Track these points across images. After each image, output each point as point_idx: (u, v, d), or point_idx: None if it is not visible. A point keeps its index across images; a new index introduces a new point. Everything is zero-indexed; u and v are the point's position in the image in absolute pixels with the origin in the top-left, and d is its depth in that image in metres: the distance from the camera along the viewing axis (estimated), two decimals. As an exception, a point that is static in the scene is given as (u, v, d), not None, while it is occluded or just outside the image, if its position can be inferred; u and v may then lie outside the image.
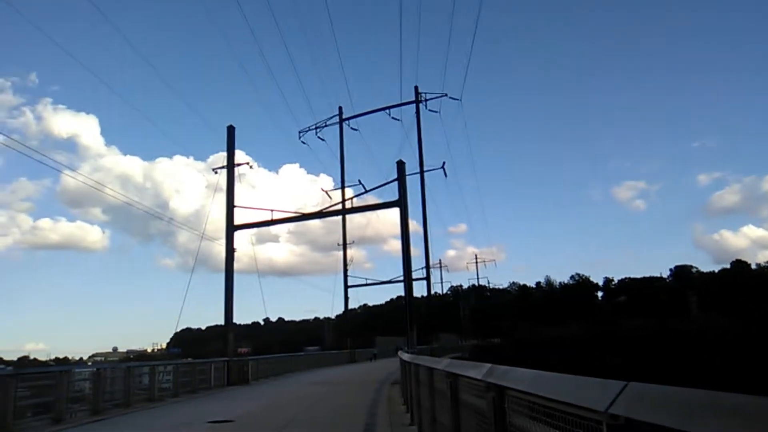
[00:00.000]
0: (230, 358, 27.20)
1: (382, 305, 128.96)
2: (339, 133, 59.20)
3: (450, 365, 5.65)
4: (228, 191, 30.62)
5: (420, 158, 56.11)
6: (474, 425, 4.45)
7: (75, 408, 14.58)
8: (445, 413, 5.89)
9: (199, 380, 22.79)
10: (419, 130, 56.66)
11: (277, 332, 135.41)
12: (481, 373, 3.87)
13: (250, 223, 30.96)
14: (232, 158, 31.25)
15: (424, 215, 57.67)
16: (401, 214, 27.48)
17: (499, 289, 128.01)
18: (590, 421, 2.17)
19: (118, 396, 16.70)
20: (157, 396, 18.70)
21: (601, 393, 2.03)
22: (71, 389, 14.65)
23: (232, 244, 29.82)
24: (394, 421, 11.51)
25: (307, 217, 32.33)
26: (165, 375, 20.60)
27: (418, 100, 56.26)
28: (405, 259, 28.07)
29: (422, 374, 8.34)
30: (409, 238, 28.46)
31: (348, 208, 32.51)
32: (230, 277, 29.37)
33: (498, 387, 3.47)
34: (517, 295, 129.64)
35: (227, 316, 29.25)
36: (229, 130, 31.70)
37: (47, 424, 12.85)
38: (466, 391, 4.78)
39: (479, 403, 4.13)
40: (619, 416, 1.88)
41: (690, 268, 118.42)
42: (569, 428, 2.43)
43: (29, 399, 13.28)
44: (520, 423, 3.24)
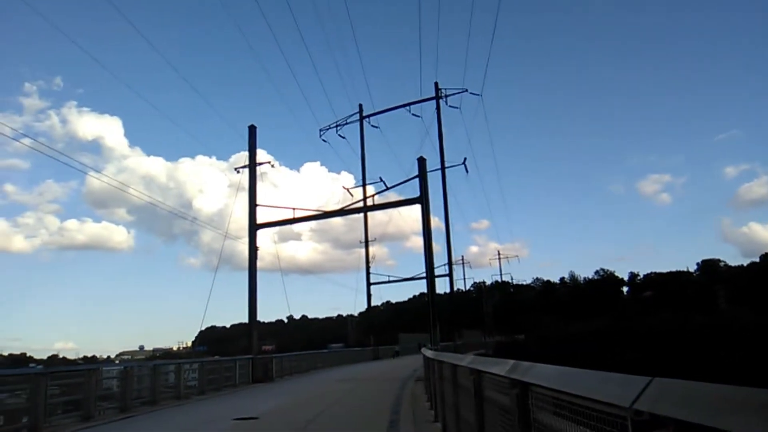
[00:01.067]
0: (255, 355, 27.41)
1: (404, 302, 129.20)
2: (359, 131, 59.27)
3: (473, 362, 5.63)
4: (250, 190, 30.85)
5: (441, 154, 55.89)
6: (498, 421, 4.44)
7: (104, 406, 14.84)
8: (469, 410, 5.88)
9: (225, 378, 23.01)
10: (440, 127, 56.43)
11: (300, 330, 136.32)
12: (505, 369, 3.86)
13: (272, 221, 31.16)
14: (254, 157, 31.47)
15: (446, 212, 57.41)
16: (423, 211, 27.44)
17: (523, 285, 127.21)
18: (615, 417, 2.16)
19: (145, 394, 16.93)
20: (184, 394, 18.89)
21: (626, 389, 2.02)
22: (100, 387, 14.91)
23: (255, 242, 30.05)
24: (418, 417, 11.52)
25: (328, 215, 32.47)
26: (191, 373, 20.81)
27: (438, 96, 55.98)
28: (427, 255, 28.05)
29: (446, 371, 8.34)
30: (431, 235, 28.46)
31: (369, 206, 32.52)
32: (254, 276, 29.61)
33: (522, 383, 3.46)
34: (541, 291, 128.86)
35: (251, 314, 29.49)
36: (251, 130, 31.93)
37: (77, 421, 13.08)
38: (490, 388, 4.76)
39: (503, 400, 4.12)
40: (643, 412, 1.86)
41: (717, 262, 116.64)
42: (594, 424, 2.42)
43: (59, 397, 13.55)
44: (544, 419, 3.23)
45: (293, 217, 30.47)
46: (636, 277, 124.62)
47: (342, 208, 31.81)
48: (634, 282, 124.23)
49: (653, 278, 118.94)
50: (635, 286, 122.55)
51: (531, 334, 66.59)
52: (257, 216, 30.48)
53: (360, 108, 59.41)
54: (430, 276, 28.57)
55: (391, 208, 33.35)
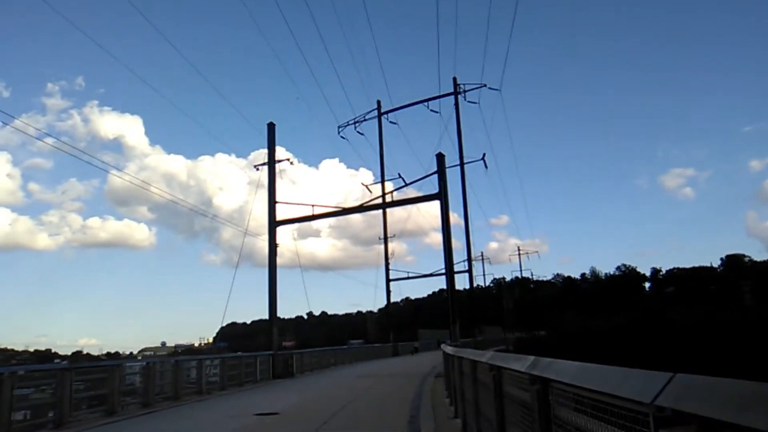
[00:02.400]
0: (275, 351, 27.59)
1: (424, 298, 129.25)
2: (378, 127, 59.28)
3: (493, 358, 5.63)
4: (270, 188, 31.01)
5: (460, 150, 55.66)
6: (518, 417, 4.43)
7: (127, 401, 15.05)
8: (489, 406, 5.87)
9: (246, 374, 23.20)
10: (458, 122, 56.19)
11: (320, 326, 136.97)
12: (525, 365, 3.85)
13: (291, 218, 31.29)
14: (273, 155, 31.62)
15: (465, 207, 57.18)
16: (442, 207, 27.37)
17: (543, 281, 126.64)
18: (636, 413, 2.15)
19: (168, 389, 17.12)
20: (205, 389, 19.09)
21: (647, 385, 2.00)
22: (123, 383, 15.10)
23: (274, 239, 30.22)
24: (438, 413, 11.52)
25: (347, 212, 32.52)
26: (212, 369, 20.98)
27: (457, 92, 55.73)
28: (446, 251, 27.97)
29: (466, 367, 8.33)
30: (450, 231, 28.36)
31: (388, 202, 32.50)
32: (273, 272, 29.79)
33: (542, 379, 3.45)
34: (562, 286, 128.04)
35: (271, 310, 29.68)
36: (270, 128, 32.08)
37: (101, 416, 13.29)
38: (510, 384, 4.75)
39: (523, 396, 4.11)
40: (665, 408, 1.85)
41: (742, 257, 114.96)
42: (615, 420, 2.41)
43: (84, 392, 13.74)
44: (564, 415, 3.22)
45: (312, 213, 30.55)
46: (658, 272, 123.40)
47: (361, 205, 31.84)
48: (656, 278, 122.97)
49: (676, 274, 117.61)
50: (657, 281, 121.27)
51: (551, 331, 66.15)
52: (277, 213, 30.65)
53: (378, 104, 59.49)
54: (450, 272, 28.49)
55: (410, 204, 33.31)
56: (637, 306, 78.33)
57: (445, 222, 27.70)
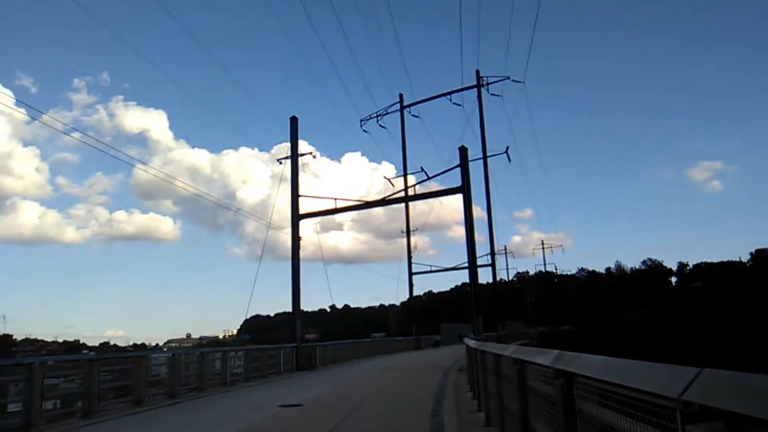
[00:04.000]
0: (298, 344, 27.79)
1: (446, 292, 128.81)
2: (400, 121, 59.17)
3: (517, 351, 5.61)
4: (292, 181, 31.15)
5: (482, 143, 55.39)
6: (542, 411, 4.42)
7: (153, 391, 15.26)
8: (512, 399, 5.86)
9: (269, 365, 23.39)
10: (481, 115, 55.87)
11: (343, 319, 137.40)
12: (549, 359, 3.84)
13: (314, 211, 31.41)
14: (295, 149, 31.75)
15: (488, 201, 56.88)
16: (464, 201, 27.26)
17: (567, 275, 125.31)
18: (662, 408, 2.13)
19: (193, 381, 17.33)
20: (230, 381, 19.24)
21: (674, 379, 1.98)
22: (149, 374, 15.33)
23: (297, 232, 30.37)
24: (461, 406, 11.51)
25: (370, 205, 32.55)
26: (236, 360, 21.19)
27: (480, 85, 55.40)
28: (469, 245, 27.88)
29: (489, 361, 8.31)
30: (473, 225, 28.26)
31: (411, 196, 32.45)
32: (297, 265, 29.95)
33: (566, 373, 3.44)
34: (586, 281, 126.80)
35: (294, 303, 29.87)
36: (292, 121, 32.20)
37: (128, 406, 13.50)
38: (534, 378, 4.74)
39: (547, 390, 4.10)
40: (692, 403, 1.83)
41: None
42: (640, 415, 2.39)
43: (111, 382, 13.99)
44: (589, 410, 3.21)
45: (335, 207, 30.63)
46: (685, 267, 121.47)
47: (383, 198, 31.84)
48: (682, 272, 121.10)
49: (703, 268, 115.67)
50: (684, 276, 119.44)
51: (576, 325, 65.71)
52: (300, 206, 30.78)
53: (400, 97, 59.36)
54: (473, 266, 28.40)
55: (433, 197, 33.24)
56: (662, 301, 77.41)
57: (468, 215, 27.60)
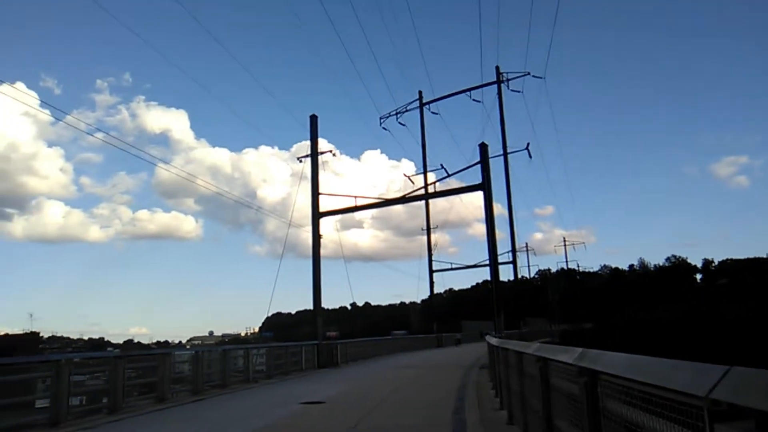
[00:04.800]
0: (320, 341, 27.92)
1: (467, 289, 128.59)
2: (420, 118, 59.01)
3: (540, 349, 5.58)
4: (312, 179, 31.27)
5: (503, 140, 55.06)
6: (566, 409, 4.39)
7: (176, 388, 15.43)
8: (535, 397, 5.83)
9: (291, 363, 23.54)
10: (501, 111, 55.54)
11: (363, 317, 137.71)
12: (573, 357, 3.81)
13: (334, 209, 31.49)
14: (315, 147, 31.85)
15: (509, 198, 56.52)
16: (485, 198, 27.13)
17: (590, 272, 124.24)
18: (689, 406, 2.11)
19: (216, 378, 17.47)
20: (252, 378, 19.42)
21: (702, 377, 1.96)
22: (172, 371, 15.49)
23: (318, 230, 30.48)
24: (483, 404, 11.48)
25: (390, 203, 32.56)
26: (258, 358, 21.33)
27: (500, 81, 55.04)
28: (490, 242, 27.75)
29: (511, 358, 8.27)
30: (494, 222, 28.10)
31: (431, 193, 32.39)
32: (317, 263, 30.07)
33: (591, 371, 3.41)
34: (609, 278, 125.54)
35: (316, 300, 30.00)
36: (312, 120, 32.31)
37: (152, 402, 13.67)
38: (557, 376, 4.71)
39: (571, 388, 4.07)
40: (721, 402, 1.81)
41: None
42: (667, 414, 2.37)
43: (135, 379, 14.18)
44: (613, 408, 3.18)
45: (355, 205, 30.67)
46: (710, 263, 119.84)
47: (403, 196, 31.83)
48: (707, 269, 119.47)
49: (729, 265, 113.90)
50: (709, 273, 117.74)
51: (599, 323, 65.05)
52: (320, 204, 30.90)
53: (420, 95, 59.19)
54: (494, 263, 28.26)
55: (453, 195, 33.16)
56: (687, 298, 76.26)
57: (488, 212, 27.46)
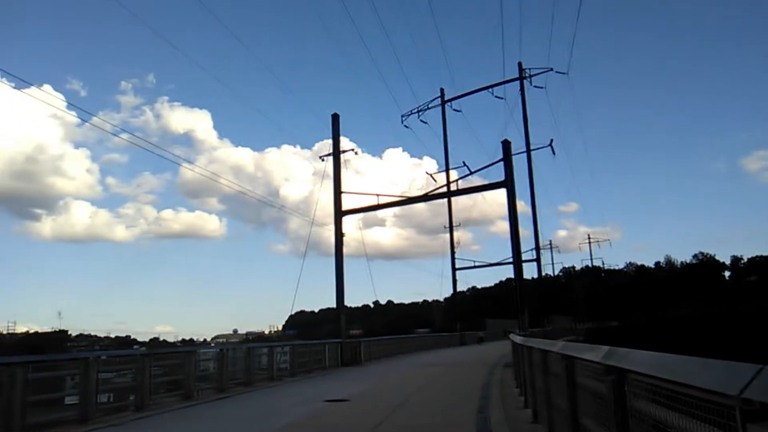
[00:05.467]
0: (343, 339, 28.01)
1: (490, 287, 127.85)
2: (441, 116, 58.98)
3: (565, 348, 5.54)
4: (335, 178, 31.38)
5: (526, 136, 54.89)
6: (592, 408, 4.35)
7: (202, 386, 15.60)
8: (560, 396, 5.79)
9: (314, 361, 23.65)
10: (524, 108, 55.35)
11: (386, 315, 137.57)
12: (599, 355, 3.77)
13: (357, 208, 31.57)
14: (337, 145, 31.96)
15: (532, 195, 56.41)
16: (508, 195, 26.97)
17: (615, 270, 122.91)
18: (720, 405, 2.08)
19: (240, 375, 17.59)
20: (276, 375, 19.53)
21: (733, 376, 1.92)
22: (198, 369, 15.66)
23: (340, 229, 30.58)
24: (508, 403, 11.42)
25: (412, 201, 32.56)
26: (282, 356, 21.48)
27: (522, 77, 54.79)
28: (514, 240, 27.58)
29: (536, 357, 8.22)
30: (517, 219, 27.92)
31: (453, 191, 32.30)
32: (340, 261, 30.18)
33: (618, 370, 3.38)
34: (635, 275, 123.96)
35: (339, 299, 30.10)
36: (334, 118, 32.42)
37: (179, 400, 13.84)
38: (583, 374, 4.68)
39: (597, 386, 4.04)
40: (753, 401, 1.78)
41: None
42: (696, 413, 2.33)
43: (161, 377, 14.37)
44: (642, 407, 3.14)
45: (377, 203, 30.71)
46: (739, 260, 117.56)
47: (426, 194, 31.80)
48: (736, 266, 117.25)
49: (758, 262, 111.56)
50: (738, 270, 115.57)
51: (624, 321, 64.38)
52: (342, 203, 31.00)
53: (441, 92, 59.08)
54: (518, 261, 28.08)
55: (476, 192, 33.04)
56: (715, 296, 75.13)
57: (512, 210, 27.30)
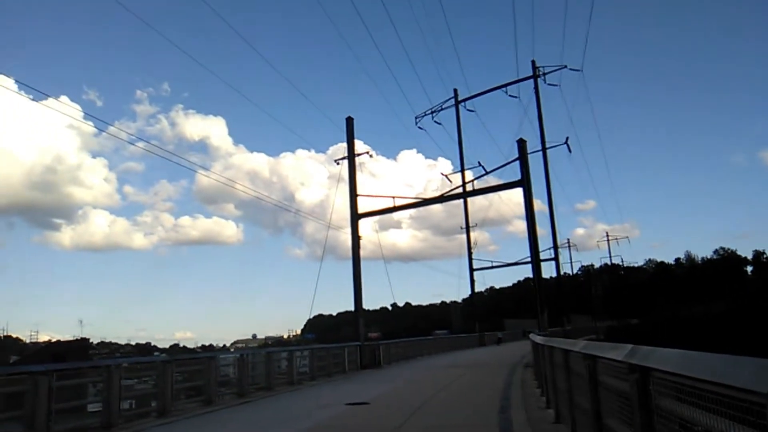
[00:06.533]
0: (362, 342, 28.01)
1: (508, 287, 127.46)
2: (455, 116, 58.63)
3: (587, 347, 5.51)
4: (350, 181, 31.40)
5: (541, 135, 54.45)
6: (615, 407, 4.32)
7: (223, 391, 15.68)
8: (583, 396, 5.75)
9: (334, 364, 23.64)
10: (539, 106, 54.92)
11: (404, 317, 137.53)
12: (623, 354, 3.73)
13: (373, 210, 31.55)
14: (352, 149, 31.99)
15: (549, 193, 55.81)
16: (525, 194, 26.82)
17: (634, 267, 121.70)
18: (749, 403, 2.05)
19: (260, 380, 17.62)
20: (296, 380, 19.56)
21: (764, 374, 1.89)
22: (218, 374, 15.75)
23: (357, 232, 30.59)
24: (529, 403, 11.35)
25: (428, 202, 32.48)
26: (302, 360, 21.52)
27: (536, 75, 54.38)
28: (531, 239, 27.41)
29: (557, 357, 8.17)
30: (535, 218, 27.74)
31: (469, 191, 32.17)
32: (357, 265, 30.18)
33: (642, 368, 3.34)
34: (655, 272, 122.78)
35: (357, 302, 30.10)
36: (348, 122, 32.46)
37: (200, 405, 13.92)
38: (606, 373, 4.65)
39: (621, 385, 4.01)
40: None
41: None
42: (724, 411, 2.30)
43: (183, 383, 14.47)
44: (667, 405, 3.11)
45: (393, 205, 30.67)
46: (761, 255, 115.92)
47: (442, 195, 31.72)
48: (759, 261, 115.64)
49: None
50: (761, 265, 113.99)
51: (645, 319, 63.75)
52: (358, 206, 31.00)
53: (455, 93, 58.83)
54: (536, 260, 27.88)
55: (492, 192, 32.91)
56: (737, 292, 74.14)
57: (529, 209, 27.14)
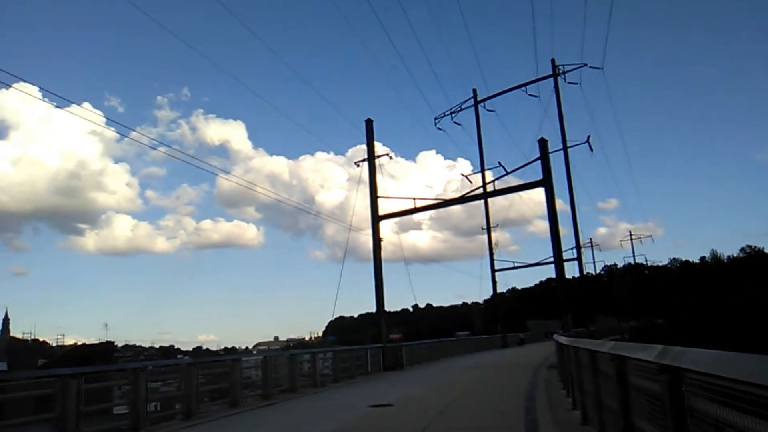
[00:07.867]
0: (384, 344, 27.99)
1: (531, 288, 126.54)
2: (475, 116, 58.33)
3: (616, 347, 5.45)
4: (371, 183, 31.42)
5: (562, 134, 53.94)
6: (646, 409, 4.25)
7: (247, 393, 15.75)
8: (611, 397, 5.68)
9: (356, 366, 23.66)
10: (559, 105, 54.43)
11: (426, 318, 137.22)
12: (653, 354, 3.67)
13: (394, 212, 31.53)
14: (372, 150, 32.01)
15: (571, 193, 55.30)
16: (547, 194, 26.61)
17: (658, 266, 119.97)
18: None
19: (284, 382, 17.67)
20: (320, 381, 19.57)
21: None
22: (242, 376, 15.83)
23: (378, 233, 30.59)
24: (555, 405, 11.25)
25: (449, 203, 32.40)
26: (324, 362, 21.58)
27: (556, 74, 53.93)
28: (554, 239, 27.19)
29: (583, 357, 8.08)
30: (557, 218, 27.51)
31: (490, 192, 32.00)
32: (379, 266, 30.17)
33: (674, 369, 3.28)
34: (679, 271, 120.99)
35: (378, 303, 30.09)
36: (368, 124, 32.49)
37: (225, 407, 13.99)
38: (635, 374, 4.58)
39: (651, 386, 3.94)
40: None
41: None
42: (762, 411, 2.24)
43: (207, 385, 14.57)
44: (700, 406, 3.05)
45: (414, 206, 30.64)
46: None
47: (462, 196, 31.61)
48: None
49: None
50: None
51: (671, 318, 62.93)
52: (379, 207, 31.01)
53: (474, 93, 58.56)
54: (559, 260, 27.63)
55: (513, 192, 32.74)
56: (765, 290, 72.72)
57: (551, 209, 26.93)
